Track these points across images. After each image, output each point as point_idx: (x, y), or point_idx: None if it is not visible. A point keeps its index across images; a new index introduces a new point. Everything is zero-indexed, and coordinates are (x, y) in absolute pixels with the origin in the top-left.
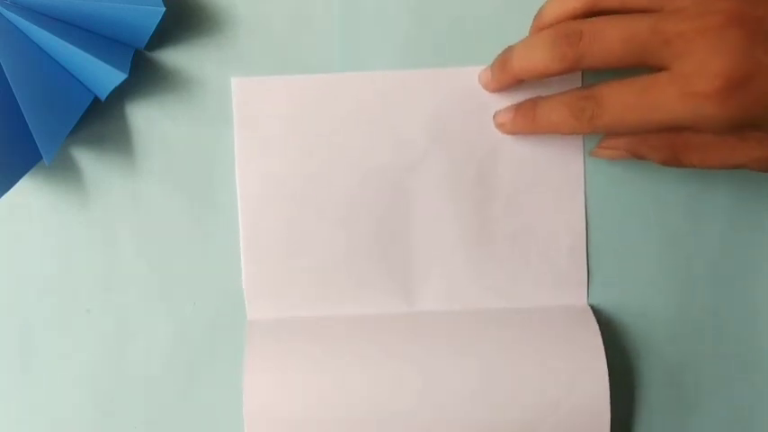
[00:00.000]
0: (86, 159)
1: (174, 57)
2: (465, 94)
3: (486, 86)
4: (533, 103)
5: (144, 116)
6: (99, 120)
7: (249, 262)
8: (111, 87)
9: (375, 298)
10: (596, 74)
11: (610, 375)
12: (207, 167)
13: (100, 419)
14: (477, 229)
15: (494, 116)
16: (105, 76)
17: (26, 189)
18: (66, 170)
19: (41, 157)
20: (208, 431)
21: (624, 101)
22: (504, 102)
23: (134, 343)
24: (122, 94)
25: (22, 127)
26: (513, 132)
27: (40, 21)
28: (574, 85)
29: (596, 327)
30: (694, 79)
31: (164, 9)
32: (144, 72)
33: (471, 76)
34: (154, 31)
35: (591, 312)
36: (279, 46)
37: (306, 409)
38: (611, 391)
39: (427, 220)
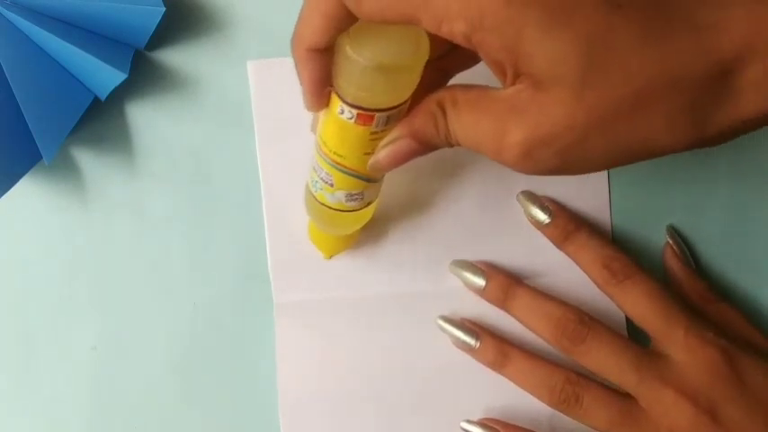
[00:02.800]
0: (86, 159)
1: (173, 57)
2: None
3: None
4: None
5: (144, 116)
6: (99, 120)
7: (274, 243)
8: (111, 87)
9: (399, 276)
10: None
11: None
12: (207, 167)
13: (99, 419)
14: (500, 219)
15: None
16: (105, 76)
17: (26, 189)
18: (66, 170)
19: (41, 157)
20: (207, 431)
21: (604, 419)
22: None
23: (134, 343)
24: (122, 94)
25: (22, 127)
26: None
27: (40, 21)
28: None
29: None
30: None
31: (164, 9)
32: (144, 72)
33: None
34: (154, 31)
35: None
36: (278, 46)
37: (337, 388)
38: None
39: (451, 206)
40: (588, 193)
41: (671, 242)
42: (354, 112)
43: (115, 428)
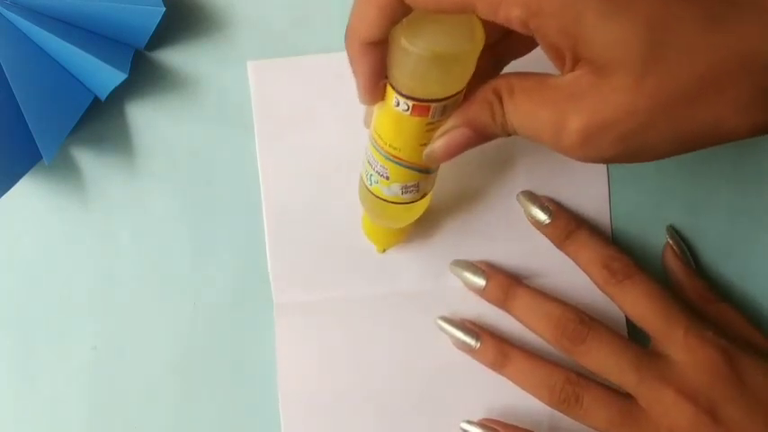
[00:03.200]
0: (86, 159)
1: (173, 57)
2: None
3: None
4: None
5: (144, 116)
6: (99, 120)
7: (274, 243)
8: (111, 87)
9: (399, 276)
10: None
11: None
12: (207, 167)
13: (99, 419)
14: (500, 219)
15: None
16: (105, 76)
17: (26, 189)
18: (66, 170)
19: (41, 157)
20: (207, 431)
21: (604, 419)
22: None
23: (134, 343)
24: (122, 94)
25: (22, 127)
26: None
27: (40, 21)
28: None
29: None
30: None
31: (164, 9)
32: (144, 72)
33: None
34: (154, 31)
35: None
36: (278, 46)
37: (338, 388)
38: None
39: (451, 206)
40: (588, 193)
41: (671, 242)
42: (410, 103)
43: (115, 428)
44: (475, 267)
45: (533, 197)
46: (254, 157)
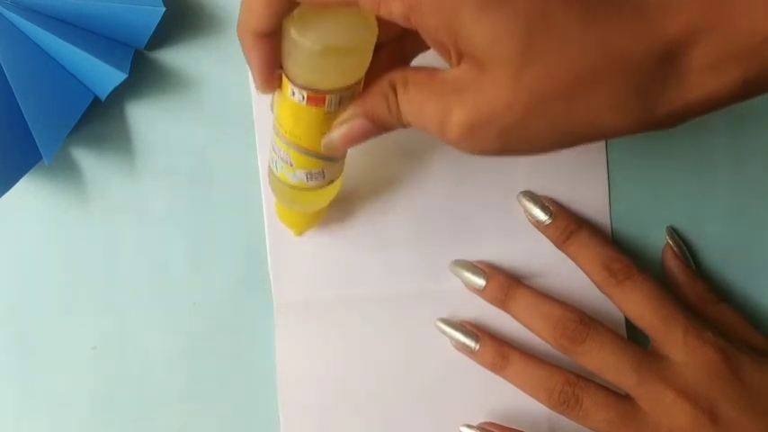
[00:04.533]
0: (86, 159)
1: (174, 57)
2: None
3: None
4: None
5: (144, 116)
6: (99, 120)
7: (274, 243)
8: (111, 87)
9: (399, 276)
10: None
11: None
12: (207, 167)
13: (99, 419)
14: (500, 219)
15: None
16: (105, 76)
17: (26, 189)
18: (66, 170)
19: (41, 157)
20: (207, 431)
21: (604, 420)
22: None
23: (134, 343)
24: (122, 94)
25: (22, 127)
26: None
27: (40, 21)
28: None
29: None
30: None
31: (164, 9)
32: (144, 72)
33: None
34: (154, 31)
35: None
36: None
37: (337, 388)
38: None
39: (452, 206)
40: (588, 193)
41: (671, 243)
42: (305, 93)
43: (115, 428)
44: (475, 267)
45: (534, 197)
46: (254, 156)
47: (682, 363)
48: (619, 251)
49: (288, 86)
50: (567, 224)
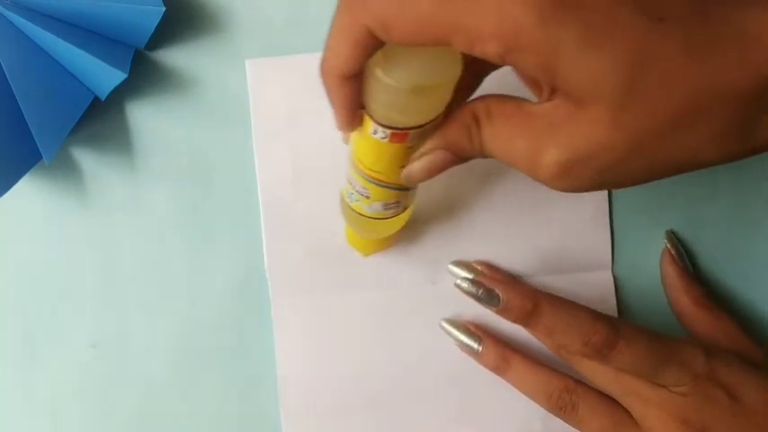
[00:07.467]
0: (86, 159)
1: (173, 57)
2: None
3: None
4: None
5: (144, 116)
6: (99, 120)
7: (271, 243)
8: (111, 87)
9: (398, 276)
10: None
11: None
12: (207, 167)
13: (99, 418)
14: (500, 219)
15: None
16: (105, 76)
17: (26, 189)
18: (66, 170)
19: (41, 157)
20: (206, 431)
21: (597, 428)
22: None
23: (134, 343)
24: (122, 94)
25: (22, 127)
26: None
27: (40, 21)
28: None
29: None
30: None
31: (164, 9)
32: (144, 72)
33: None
34: (154, 31)
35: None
36: (278, 46)
37: (337, 388)
38: None
39: (452, 206)
40: (588, 195)
41: (669, 246)
42: (388, 132)
43: (115, 427)
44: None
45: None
46: (253, 156)
47: (679, 394)
48: (593, 315)
49: (369, 125)
50: (523, 306)
